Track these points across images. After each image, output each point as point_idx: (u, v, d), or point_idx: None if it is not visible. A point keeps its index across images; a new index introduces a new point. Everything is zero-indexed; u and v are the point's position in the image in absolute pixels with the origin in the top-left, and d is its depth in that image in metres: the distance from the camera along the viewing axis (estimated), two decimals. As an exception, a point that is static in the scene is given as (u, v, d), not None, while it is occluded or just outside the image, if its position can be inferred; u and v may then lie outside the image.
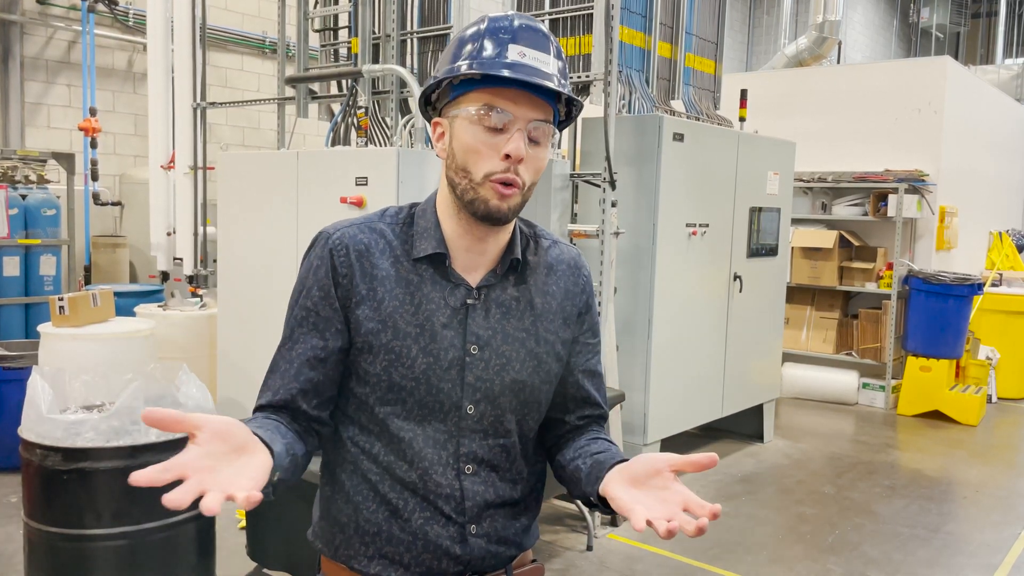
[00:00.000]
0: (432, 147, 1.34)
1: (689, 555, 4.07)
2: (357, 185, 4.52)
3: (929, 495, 5.15)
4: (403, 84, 5.07)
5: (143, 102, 8.20)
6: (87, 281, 7.13)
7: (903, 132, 7.48)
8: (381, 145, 5.06)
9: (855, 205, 7.51)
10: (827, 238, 7.32)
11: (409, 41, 5.17)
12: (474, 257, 1.32)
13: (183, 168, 6.13)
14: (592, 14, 4.33)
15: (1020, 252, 9.45)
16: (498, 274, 1.33)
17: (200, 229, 6.17)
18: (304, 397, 1.31)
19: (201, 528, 2.81)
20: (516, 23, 1.27)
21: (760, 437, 6.06)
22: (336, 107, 5.68)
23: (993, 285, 8.03)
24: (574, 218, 4.74)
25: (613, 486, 1.18)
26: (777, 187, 5.73)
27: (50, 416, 2.50)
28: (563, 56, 1.31)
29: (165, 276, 6.39)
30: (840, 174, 7.43)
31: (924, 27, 19.84)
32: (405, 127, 4.99)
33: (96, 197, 7.41)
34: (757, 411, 5.99)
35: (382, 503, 1.31)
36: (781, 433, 6.30)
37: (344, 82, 5.30)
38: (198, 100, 6.08)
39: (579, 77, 4.38)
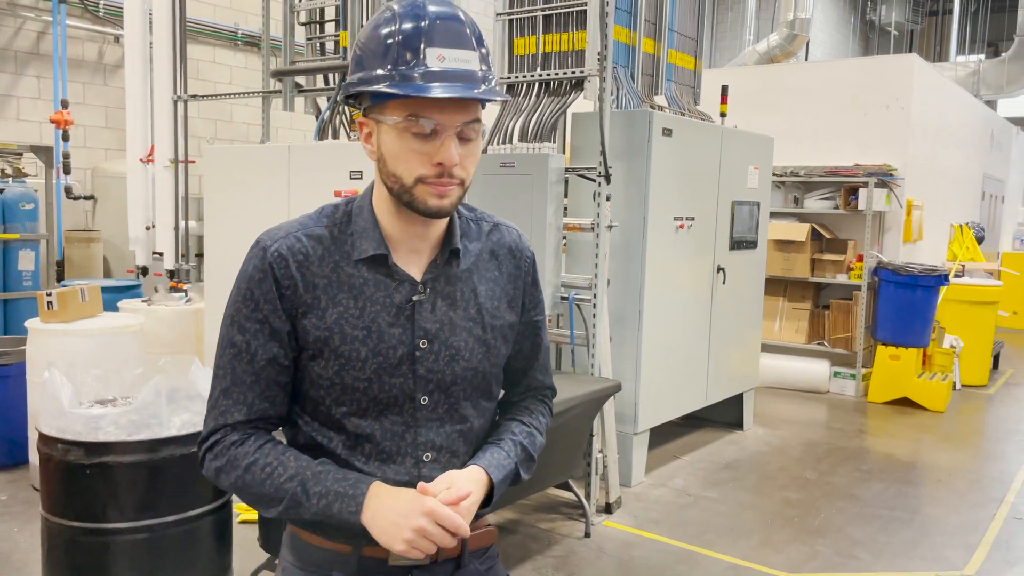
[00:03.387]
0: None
1: (684, 540, 4.18)
2: (351, 179, 4.54)
3: (905, 479, 5.35)
4: (393, 78, 5.08)
5: (115, 94, 8.08)
6: (60, 277, 7.00)
7: (872, 127, 7.69)
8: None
9: (826, 199, 7.71)
10: (800, 231, 7.50)
11: (398, 35, 5.17)
12: (415, 246, 1.35)
13: (163, 161, 6.06)
14: (585, 11, 4.38)
15: (979, 244, 9.79)
16: (439, 264, 1.36)
17: (182, 223, 6.11)
18: (274, 406, 1.34)
19: (219, 521, 2.82)
20: (428, 21, 1.22)
21: (740, 425, 6.21)
22: (322, 101, 5.65)
23: (956, 276, 8.31)
24: (565, 211, 4.81)
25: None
26: (757, 181, 5.87)
27: (72, 411, 2.50)
28: (483, 40, 1.27)
29: (144, 271, 6.31)
30: (812, 168, 7.62)
31: (881, 24, 20.30)
32: (396, 121, 5.00)
33: (68, 191, 7.27)
34: (737, 400, 6.13)
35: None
36: (759, 421, 6.46)
37: (332, 76, 5.29)
38: (178, 93, 6.01)
39: (572, 72, 4.44)
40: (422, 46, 1.21)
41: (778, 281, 7.69)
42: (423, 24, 1.22)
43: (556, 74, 4.50)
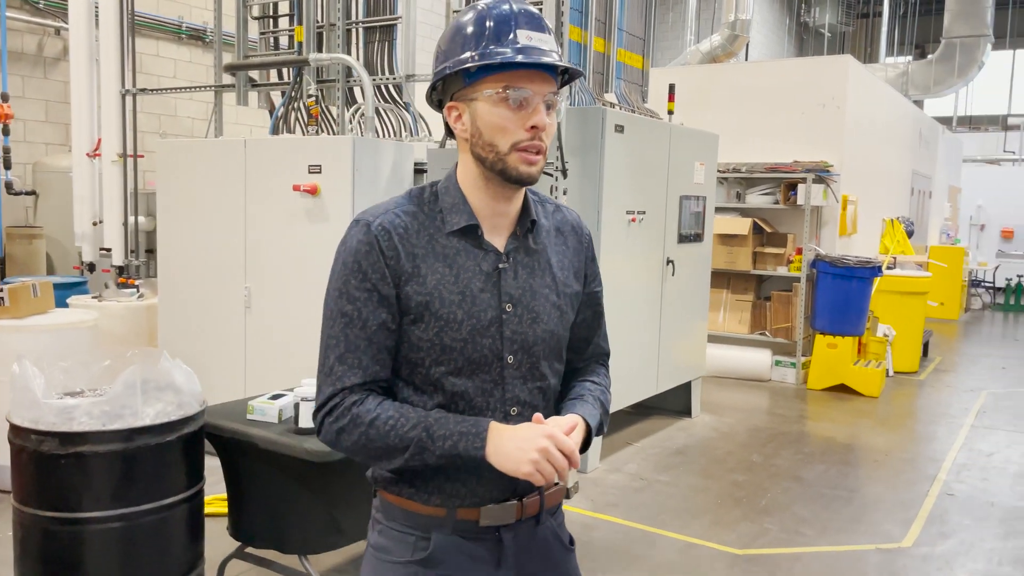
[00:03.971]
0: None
1: (640, 521, 4.34)
2: (310, 173, 4.57)
3: (844, 460, 5.62)
4: (349, 73, 5.12)
5: (55, 88, 7.90)
6: (1, 274, 6.83)
7: (810, 126, 8.00)
8: (330, 133, 5.10)
9: (767, 194, 7.99)
10: (742, 225, 7.77)
11: (355, 31, 5.21)
12: (497, 221, 1.49)
13: (110, 156, 5.98)
14: (541, 9, 4.49)
15: (909, 237, 10.24)
16: (519, 235, 1.51)
17: (131, 219, 6.03)
18: (384, 369, 1.46)
19: (192, 509, 2.85)
20: (515, 8, 1.43)
21: (688, 412, 6.42)
22: (276, 96, 5.65)
23: (889, 268, 8.69)
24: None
25: None
26: (703, 177, 6.07)
27: (46, 401, 2.50)
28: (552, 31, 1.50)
29: (91, 267, 6.21)
30: (753, 165, 7.89)
31: (815, 26, 20.95)
32: (354, 116, 5.05)
33: (9, 186, 7.09)
34: (685, 388, 6.34)
35: None
36: (706, 408, 6.68)
37: (288, 70, 5.30)
38: (127, 86, 5.93)
39: (528, 70, 4.55)
40: (513, 27, 1.40)
41: (722, 274, 7.95)
42: (511, 11, 1.42)
43: (512, 71, 4.60)
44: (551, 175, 4.44)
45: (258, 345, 4.88)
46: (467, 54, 1.41)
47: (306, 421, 2.97)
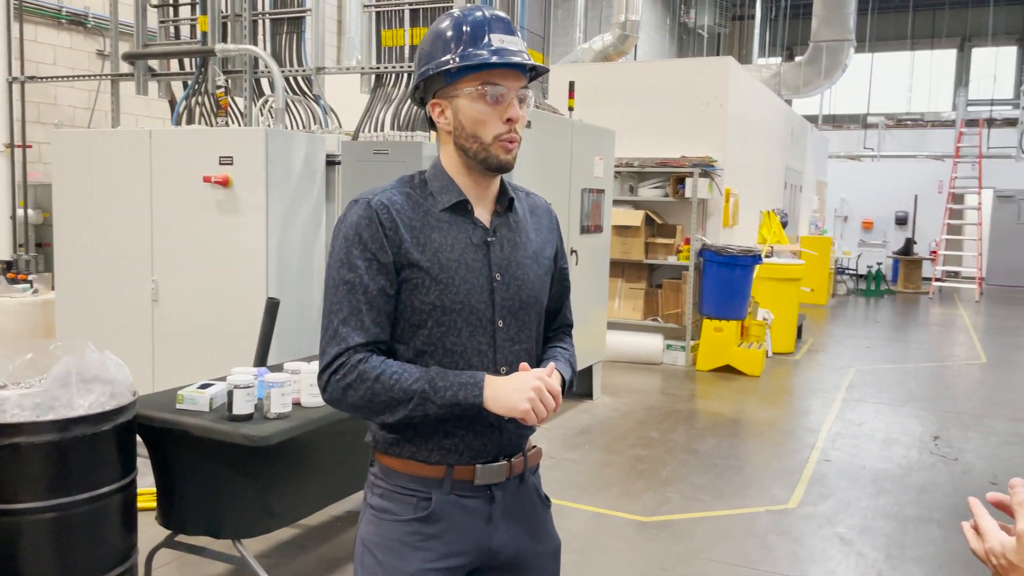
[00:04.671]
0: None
1: (553, 496, 4.57)
2: (221, 164, 4.56)
3: (733, 433, 6.07)
4: (256, 64, 5.11)
5: (-78, 72, 7.39)
6: None
7: (695, 123, 8.49)
8: (237, 125, 5.07)
9: (657, 187, 8.42)
10: (635, 217, 8.17)
11: (261, 22, 5.20)
12: (481, 201, 1.68)
13: (-4, 146, 5.71)
14: (452, 7, 4.64)
15: (783, 228, 10.99)
16: (500, 213, 1.69)
17: (19, 212, 5.78)
18: (384, 332, 1.61)
19: (126, 498, 2.86)
20: (488, 14, 1.61)
21: (590, 395, 6.74)
22: (176, 86, 5.55)
23: (767, 257, 9.33)
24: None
25: None
26: (602, 171, 6.38)
27: (-24, 394, 2.47)
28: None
29: (-25, 263, 5.91)
30: (644, 160, 8.30)
31: (694, 27, 21.90)
32: (264, 107, 5.05)
33: None
34: (587, 372, 6.65)
35: None
36: (606, 391, 7.03)
37: (192, 61, 5.23)
38: (13, 74, 5.67)
39: (440, 66, 4.69)
40: (487, 32, 1.58)
41: (617, 263, 8.32)
42: (485, 20, 1.60)
43: (424, 66, 4.72)
44: (464, 168, 4.60)
45: (167, 339, 4.82)
46: (447, 56, 1.58)
47: (240, 408, 3.02)
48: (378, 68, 4.87)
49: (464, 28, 1.59)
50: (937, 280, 16.37)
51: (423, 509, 1.62)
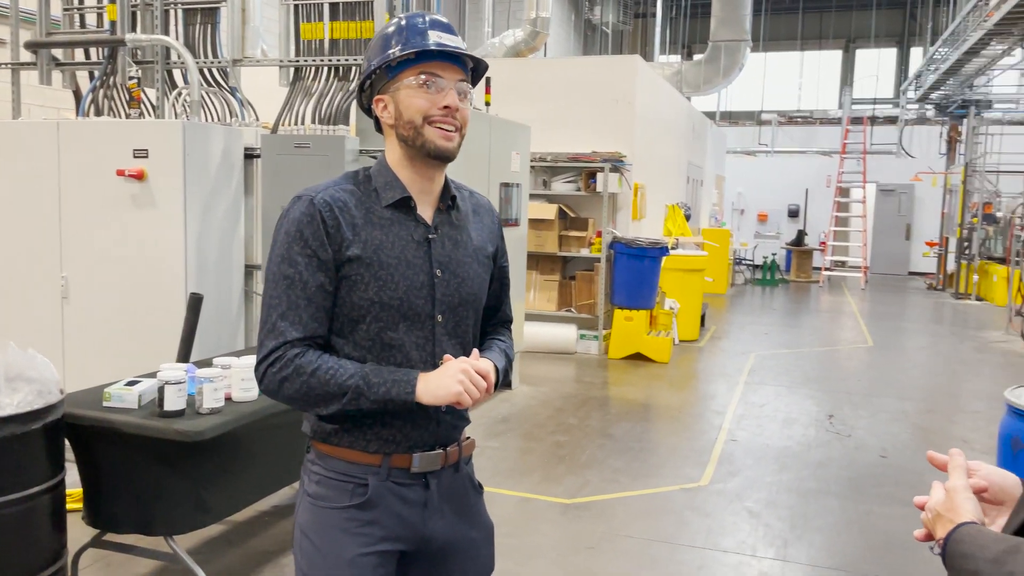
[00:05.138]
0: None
1: (478, 483, 4.69)
2: (136, 157, 4.46)
3: (646, 417, 6.33)
4: (169, 55, 5.00)
5: None
6: None
7: (605, 119, 8.75)
8: (151, 117, 4.95)
9: (570, 182, 8.64)
10: (549, 210, 8.36)
11: (173, 12, 5.08)
12: (424, 198, 1.74)
13: None
14: (372, 1, 4.67)
15: (687, 221, 11.43)
16: (443, 211, 1.76)
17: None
18: (321, 327, 1.66)
19: (56, 498, 2.81)
20: (428, 18, 1.68)
21: (509, 385, 6.89)
22: (82, 76, 5.35)
23: (673, 248, 9.70)
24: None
25: None
26: (518, 165, 6.52)
27: (-101, 395, 2.38)
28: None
29: None
30: (557, 155, 8.50)
31: (597, 24, 22.35)
32: (178, 100, 4.94)
33: None
34: (505, 363, 6.79)
35: None
36: (525, 381, 7.19)
37: (100, 51, 5.06)
38: (-102, 58, 5.35)
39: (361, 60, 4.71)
40: (427, 29, 1.66)
41: (532, 256, 8.48)
42: (424, 20, 1.69)
43: (346, 60, 4.74)
44: (387, 162, 4.64)
45: (78, 337, 4.67)
46: (389, 51, 1.66)
47: (172, 404, 3.00)
48: (297, 61, 4.85)
49: (405, 28, 1.67)
50: (826, 269, 17.33)
51: (360, 496, 1.68)
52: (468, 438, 1.85)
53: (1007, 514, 1.15)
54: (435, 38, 1.65)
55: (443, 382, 1.60)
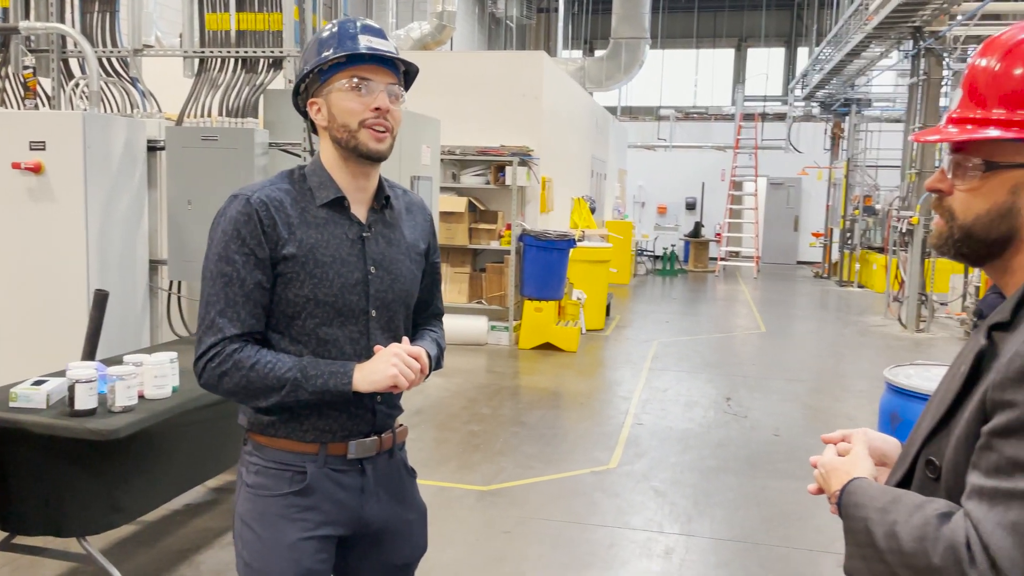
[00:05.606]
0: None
1: (395, 474, 4.75)
2: (32, 150, 4.29)
3: (556, 405, 6.52)
4: (65, 44, 4.82)
5: None
6: None
7: (513, 113, 8.88)
8: (47, 107, 4.75)
9: (479, 175, 8.74)
10: (459, 203, 8.44)
11: (69, -1, 4.88)
12: (358, 196, 1.80)
13: None
14: (281, -8, 4.62)
15: (592, 214, 11.71)
16: (377, 210, 1.82)
17: None
18: (259, 323, 1.72)
19: (-39, 503, 2.72)
20: (359, 24, 1.78)
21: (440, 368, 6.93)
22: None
23: (579, 240, 9.94)
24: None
25: None
26: (429, 159, 6.57)
27: None
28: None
29: None
30: (466, 148, 8.58)
31: (501, 18, 22.49)
32: (75, 90, 4.77)
33: None
34: (417, 355, 6.84)
35: None
36: (436, 373, 7.22)
37: (-11, 36, 4.82)
38: None
39: (271, 52, 4.67)
40: (358, 34, 1.73)
41: (442, 248, 8.52)
42: (356, 25, 1.75)
43: (254, 52, 4.68)
44: (298, 155, 4.63)
45: (-30, 337, 4.45)
46: (323, 55, 1.72)
47: (83, 403, 2.94)
48: (203, 52, 4.76)
49: (338, 33, 1.74)
50: (722, 259, 18.07)
51: (298, 483, 1.74)
52: (401, 425, 1.94)
53: (887, 474, 1.32)
54: (366, 42, 1.72)
55: (378, 367, 1.67)
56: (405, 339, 1.76)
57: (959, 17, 9.78)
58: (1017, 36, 1.09)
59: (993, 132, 1.06)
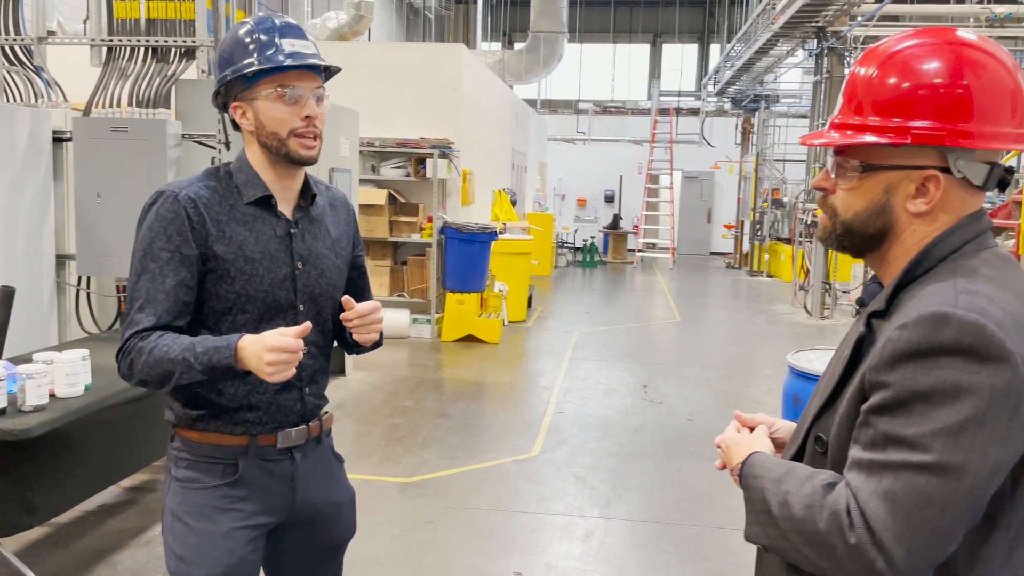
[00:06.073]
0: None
1: (317, 468, 4.74)
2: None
3: (479, 396, 6.59)
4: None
5: None
6: None
7: (433, 105, 8.88)
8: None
9: (399, 167, 8.72)
10: (379, 196, 8.40)
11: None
12: (284, 195, 1.83)
13: None
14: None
15: (513, 206, 11.82)
16: (303, 207, 1.85)
17: None
18: (180, 318, 1.72)
19: None
20: (278, 23, 1.78)
21: (343, 371, 6.91)
22: None
23: (501, 233, 10.02)
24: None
25: None
26: (348, 151, 6.53)
27: None
28: (315, 43, 1.86)
29: None
30: (385, 140, 8.54)
31: (420, 8, 22.34)
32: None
33: None
34: (338, 350, 6.79)
35: (243, 385, 1.76)
36: (358, 367, 7.23)
37: None
38: None
39: (183, 41, 4.57)
40: (278, 39, 1.71)
41: (363, 241, 8.50)
42: (275, 26, 1.73)
43: (165, 41, 4.57)
44: (214, 147, 4.55)
45: None
46: (245, 61, 1.72)
47: (-8, 403, 2.85)
48: (111, 40, 4.62)
49: (259, 35, 1.73)
50: (639, 251, 18.48)
51: (230, 475, 1.77)
52: (327, 412, 1.97)
53: None
54: (289, 48, 1.72)
55: (254, 364, 1.60)
56: (348, 299, 1.75)
57: (859, 18, 10.26)
58: (893, 47, 1.20)
59: (869, 138, 1.17)
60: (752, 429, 1.43)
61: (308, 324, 1.65)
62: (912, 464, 1.05)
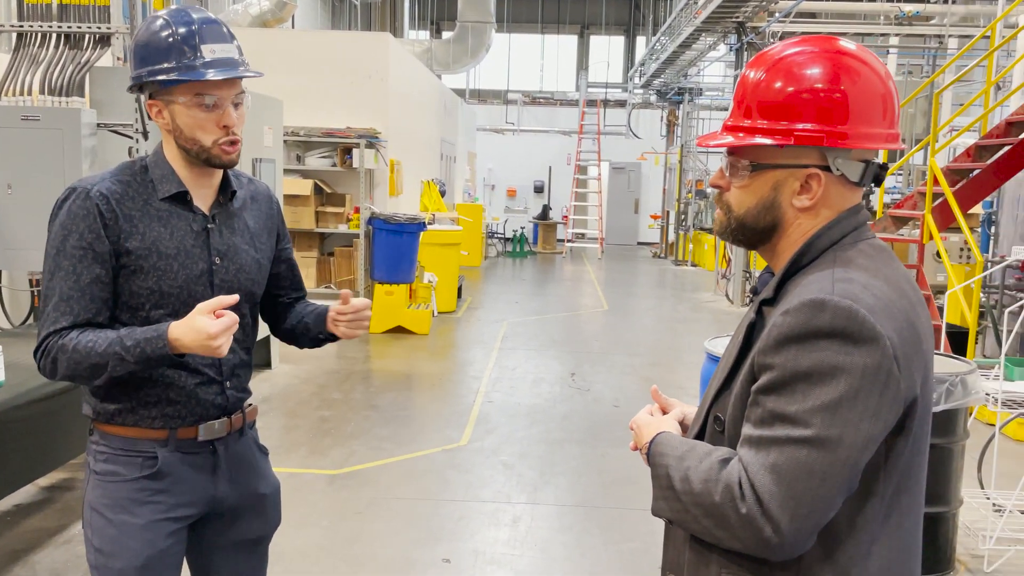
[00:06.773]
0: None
1: (244, 462, 4.69)
2: None
3: (408, 387, 6.61)
4: None
5: None
6: None
7: (359, 95, 8.81)
8: None
9: (325, 157, 8.63)
10: (304, 186, 8.30)
11: None
12: (202, 191, 1.82)
13: None
14: (107, -33, 4.40)
15: (442, 197, 11.82)
16: (222, 203, 1.84)
17: None
18: (98, 314, 1.71)
19: None
20: (197, 19, 1.69)
21: (269, 365, 6.83)
22: None
23: (430, 223, 10.02)
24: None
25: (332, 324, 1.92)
26: (271, 140, 6.44)
27: None
28: (235, 36, 1.75)
29: None
30: (311, 129, 8.44)
31: (346, -4, 21.99)
32: None
33: None
34: (264, 342, 6.72)
35: (161, 380, 1.76)
36: (284, 359, 7.15)
37: None
38: None
39: (98, 28, 4.43)
40: (197, 43, 1.65)
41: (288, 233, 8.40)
42: (194, 27, 1.66)
43: (78, 28, 4.43)
44: (131, 136, 4.43)
45: None
46: (162, 65, 1.66)
47: None
48: (21, 26, 4.45)
49: (176, 35, 1.66)
50: (569, 241, 18.71)
51: (149, 468, 1.77)
52: (251, 405, 1.98)
53: None
54: (209, 55, 1.66)
55: (196, 326, 1.60)
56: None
57: (777, 15, 10.59)
58: (780, 53, 1.29)
59: (758, 139, 1.25)
60: (665, 411, 1.51)
61: (234, 296, 1.65)
62: (794, 439, 1.14)
